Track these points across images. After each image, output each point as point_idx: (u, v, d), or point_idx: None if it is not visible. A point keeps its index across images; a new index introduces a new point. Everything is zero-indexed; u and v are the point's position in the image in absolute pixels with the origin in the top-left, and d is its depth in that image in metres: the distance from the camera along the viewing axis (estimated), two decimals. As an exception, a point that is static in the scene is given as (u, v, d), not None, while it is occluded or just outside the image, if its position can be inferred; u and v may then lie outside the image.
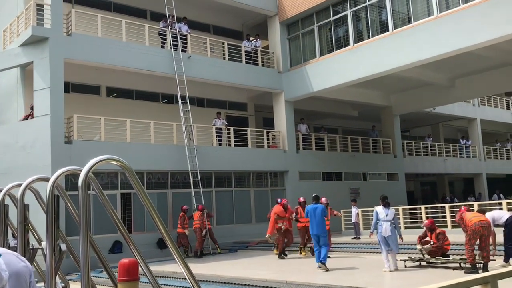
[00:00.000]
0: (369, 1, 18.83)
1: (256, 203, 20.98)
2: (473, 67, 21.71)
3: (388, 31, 18.00)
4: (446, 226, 16.00)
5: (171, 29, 19.03)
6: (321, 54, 20.73)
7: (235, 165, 20.02)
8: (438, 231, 11.80)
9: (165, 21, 19.27)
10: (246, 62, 21.37)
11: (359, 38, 19.27)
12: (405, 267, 11.22)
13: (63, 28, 16.41)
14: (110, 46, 17.14)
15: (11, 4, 18.88)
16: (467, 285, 4.21)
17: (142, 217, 17.40)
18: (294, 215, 15.06)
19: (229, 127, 20.64)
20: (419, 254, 12.12)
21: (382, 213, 11.03)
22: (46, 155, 15.19)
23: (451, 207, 17.20)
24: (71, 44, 16.25)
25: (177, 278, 11.89)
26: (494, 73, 22.37)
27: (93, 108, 18.21)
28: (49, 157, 15.10)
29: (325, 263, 11.41)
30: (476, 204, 16.14)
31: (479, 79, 23.18)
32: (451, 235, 12.39)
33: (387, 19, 18.06)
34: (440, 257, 11.36)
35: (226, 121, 21.11)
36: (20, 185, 3.96)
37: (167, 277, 12.26)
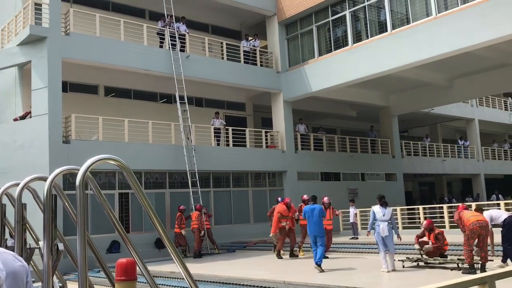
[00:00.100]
0: (367, 2, 18.84)
1: (254, 203, 20.97)
2: (472, 68, 21.74)
3: (386, 31, 18.02)
4: (444, 226, 16.00)
5: (169, 28, 19.02)
6: (320, 54, 20.74)
7: (234, 165, 20.02)
8: (436, 231, 11.80)
9: (163, 20, 19.25)
10: (244, 62, 21.36)
11: (357, 38, 19.28)
12: (403, 267, 11.22)
13: (61, 27, 16.39)
14: (108, 45, 17.12)
15: (9, 3, 18.84)
16: (465, 285, 4.20)
17: (140, 217, 17.39)
18: (297, 214, 15.01)
19: (227, 127, 20.62)
20: (417, 254, 12.12)
21: (379, 213, 11.01)
22: (44, 155, 15.16)
23: (449, 207, 17.21)
24: (69, 43, 16.22)
25: (174, 278, 11.88)
26: (492, 74, 22.39)
27: (91, 107, 18.19)
28: (47, 156, 15.08)
29: (320, 265, 11.38)
30: (474, 204, 16.14)
31: (478, 79, 23.20)
32: (449, 236, 12.40)
33: (386, 20, 18.07)
34: (438, 258, 11.36)
35: (224, 121, 21.08)
36: (17, 185, 3.95)
37: (165, 277, 12.25)
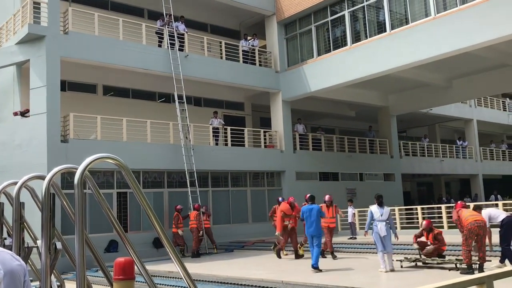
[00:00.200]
0: (366, 2, 18.85)
1: (252, 203, 20.97)
2: (471, 68, 21.75)
3: (385, 31, 18.02)
4: (442, 227, 16.01)
5: (168, 28, 19.00)
6: (319, 54, 20.74)
7: (232, 165, 20.01)
8: (436, 231, 11.81)
9: (162, 19, 19.24)
10: (243, 61, 21.36)
11: (356, 38, 19.28)
12: (401, 267, 11.22)
13: (60, 26, 16.36)
14: (107, 44, 17.10)
15: (8, 1, 18.79)
16: (463, 285, 4.20)
17: (138, 217, 17.38)
18: (301, 213, 14.95)
19: (226, 127, 20.61)
20: (415, 254, 12.13)
21: (377, 213, 11.00)
22: (42, 154, 15.14)
23: (447, 207, 17.21)
24: (68, 42, 16.20)
25: (172, 277, 11.87)
26: (491, 74, 22.41)
27: (90, 106, 18.16)
28: (45, 155, 15.05)
29: (317, 267, 11.34)
30: (472, 204, 16.13)
31: (477, 80, 23.22)
32: (447, 236, 12.40)
33: (385, 20, 18.08)
34: (436, 258, 11.37)
35: (223, 121, 21.08)
36: (15, 183, 3.94)
37: (163, 277, 12.23)
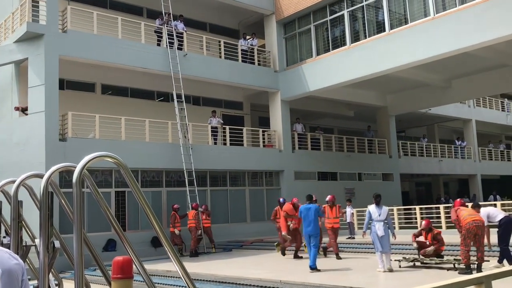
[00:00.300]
0: (365, 1, 18.84)
1: (251, 202, 20.96)
2: (470, 68, 21.75)
3: (384, 31, 18.02)
4: (440, 227, 16.01)
5: (167, 26, 18.97)
6: (318, 53, 20.73)
7: (231, 164, 20.00)
8: (435, 231, 11.81)
9: (161, 18, 19.21)
10: (242, 61, 21.34)
11: (355, 38, 19.28)
12: (399, 267, 11.22)
13: (58, 24, 16.32)
14: (105, 43, 17.07)
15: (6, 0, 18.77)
16: (461, 285, 4.19)
17: (136, 216, 17.35)
18: (299, 213, 14.96)
19: (224, 126, 20.60)
20: (413, 254, 12.13)
21: (375, 213, 10.99)
22: (40, 153, 15.11)
23: (446, 207, 17.21)
24: (66, 41, 16.17)
25: (171, 277, 11.85)
26: (490, 74, 22.41)
27: (88, 105, 18.13)
28: (43, 154, 15.02)
29: (315, 268, 11.33)
30: (470, 205, 16.13)
31: (475, 80, 23.22)
32: (445, 236, 12.39)
33: (384, 20, 18.07)
34: (434, 258, 11.37)
35: (221, 120, 21.06)
36: (14, 182, 3.93)
37: (161, 276, 12.22)
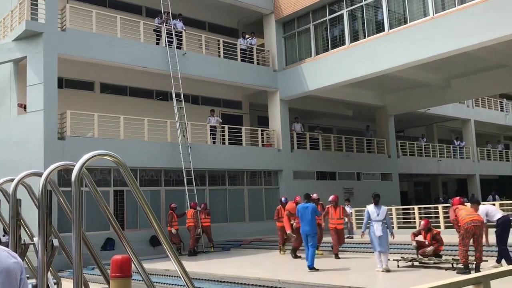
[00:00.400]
0: (365, 1, 18.83)
1: (250, 201, 20.95)
2: (469, 68, 21.75)
3: (384, 31, 18.02)
4: (439, 226, 16.03)
5: (166, 25, 18.96)
6: (317, 53, 20.73)
7: (229, 163, 19.99)
8: (434, 231, 11.82)
9: (160, 17, 19.20)
10: (241, 60, 21.32)
11: (355, 37, 19.28)
12: (397, 267, 11.23)
13: (57, 23, 16.30)
14: (104, 42, 17.05)
15: (5, -2, 18.74)
16: (460, 285, 4.20)
17: (134, 215, 17.33)
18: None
19: (223, 125, 20.59)
20: (411, 254, 12.13)
21: (373, 212, 10.99)
22: (39, 151, 15.09)
23: (445, 207, 17.22)
24: (65, 39, 16.14)
25: (169, 276, 11.85)
26: (489, 75, 22.41)
27: (87, 104, 18.12)
28: (42, 153, 15.01)
29: (313, 268, 11.33)
30: (469, 205, 16.14)
31: (474, 80, 23.22)
32: (443, 235, 12.41)
33: (383, 19, 18.07)
34: (432, 257, 11.38)
35: (220, 119, 21.05)
36: (12, 180, 3.92)
37: (160, 275, 12.22)
